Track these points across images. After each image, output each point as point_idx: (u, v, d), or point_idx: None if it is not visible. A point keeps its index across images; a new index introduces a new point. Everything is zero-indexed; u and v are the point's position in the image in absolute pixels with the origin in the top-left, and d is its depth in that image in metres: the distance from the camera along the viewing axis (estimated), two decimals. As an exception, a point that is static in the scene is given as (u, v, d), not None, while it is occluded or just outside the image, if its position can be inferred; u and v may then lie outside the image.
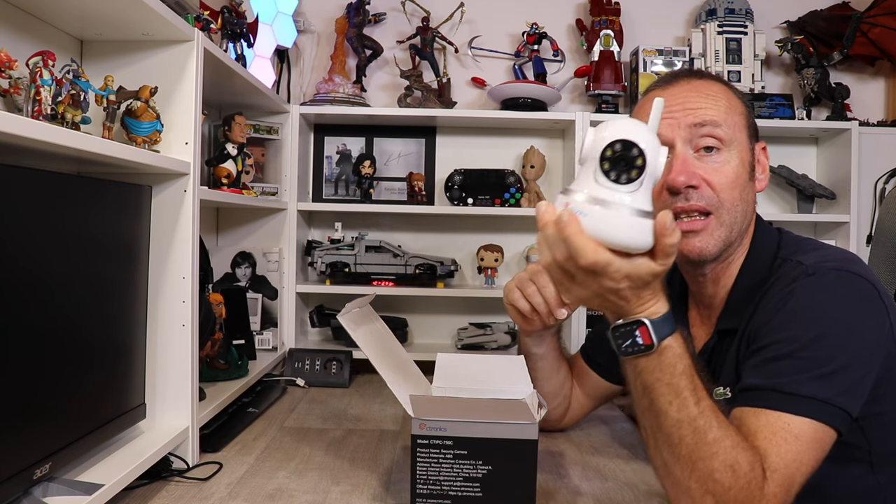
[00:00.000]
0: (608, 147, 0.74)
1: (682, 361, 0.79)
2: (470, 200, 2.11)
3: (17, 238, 0.83)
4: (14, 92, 0.88)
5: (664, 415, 0.80)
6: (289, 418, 1.52)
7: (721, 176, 0.97)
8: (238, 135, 1.60)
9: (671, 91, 1.00)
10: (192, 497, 1.07)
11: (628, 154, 0.74)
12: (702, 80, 1.01)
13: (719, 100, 0.99)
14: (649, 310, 0.79)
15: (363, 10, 2.15)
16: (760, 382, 0.85)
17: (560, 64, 2.27)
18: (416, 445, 0.95)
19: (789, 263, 0.96)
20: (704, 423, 0.78)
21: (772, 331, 0.89)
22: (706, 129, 0.97)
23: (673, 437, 0.80)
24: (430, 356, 1.20)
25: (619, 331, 0.80)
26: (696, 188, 0.96)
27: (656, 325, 0.78)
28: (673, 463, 0.80)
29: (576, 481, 1.15)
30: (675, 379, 0.79)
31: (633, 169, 0.74)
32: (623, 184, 0.74)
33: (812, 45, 2.22)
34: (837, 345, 0.85)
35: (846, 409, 0.83)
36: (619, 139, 0.74)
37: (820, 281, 0.90)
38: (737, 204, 0.98)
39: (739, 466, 0.77)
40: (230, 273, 1.99)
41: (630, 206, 0.74)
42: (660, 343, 0.78)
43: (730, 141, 0.98)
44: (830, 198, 2.15)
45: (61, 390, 0.93)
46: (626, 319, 0.79)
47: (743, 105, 1.03)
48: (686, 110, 0.98)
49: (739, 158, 0.99)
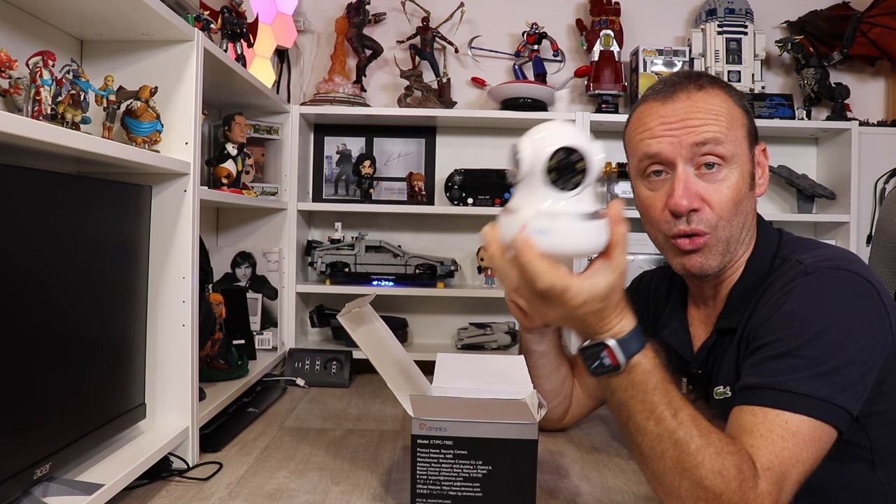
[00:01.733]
0: (552, 157, 0.73)
1: (654, 376, 0.79)
2: (470, 200, 2.11)
3: (17, 238, 0.83)
4: (14, 92, 0.88)
5: (643, 431, 0.80)
6: (289, 418, 1.52)
7: (721, 195, 0.97)
8: (238, 135, 1.60)
9: (672, 107, 0.99)
10: (192, 497, 1.06)
11: (572, 160, 0.73)
12: (702, 93, 0.99)
13: (721, 115, 0.98)
14: (614, 329, 0.79)
15: (363, 10, 2.15)
16: (759, 381, 0.85)
17: (560, 64, 2.27)
18: (417, 445, 0.95)
19: (788, 263, 0.96)
20: (684, 434, 0.78)
21: (770, 330, 0.89)
22: (708, 147, 0.96)
23: (656, 451, 0.80)
24: (430, 356, 1.20)
25: (585, 353, 0.81)
26: (697, 211, 0.97)
27: (622, 344, 0.78)
28: (661, 474, 0.81)
29: (576, 481, 1.15)
30: (649, 395, 0.79)
31: (577, 174, 0.74)
32: (570, 190, 0.74)
33: (812, 45, 2.22)
34: (836, 343, 0.85)
35: (846, 407, 0.82)
36: (561, 147, 0.73)
37: (818, 280, 0.90)
38: (734, 218, 0.98)
39: (727, 471, 0.77)
40: (230, 273, 1.99)
41: (581, 212, 0.74)
42: (627, 362, 0.79)
43: (731, 157, 0.97)
44: (830, 198, 2.15)
45: (61, 390, 0.93)
46: (592, 341, 0.80)
47: (743, 113, 1.01)
48: (688, 129, 0.97)
49: (740, 173, 0.98)
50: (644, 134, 1.01)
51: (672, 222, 0.99)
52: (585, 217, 0.74)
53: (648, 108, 1.02)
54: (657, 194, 1.01)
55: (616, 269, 0.77)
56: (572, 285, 0.74)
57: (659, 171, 1.00)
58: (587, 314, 0.77)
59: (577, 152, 0.73)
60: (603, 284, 0.76)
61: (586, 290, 0.75)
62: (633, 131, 1.05)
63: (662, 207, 0.99)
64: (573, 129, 0.76)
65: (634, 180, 1.07)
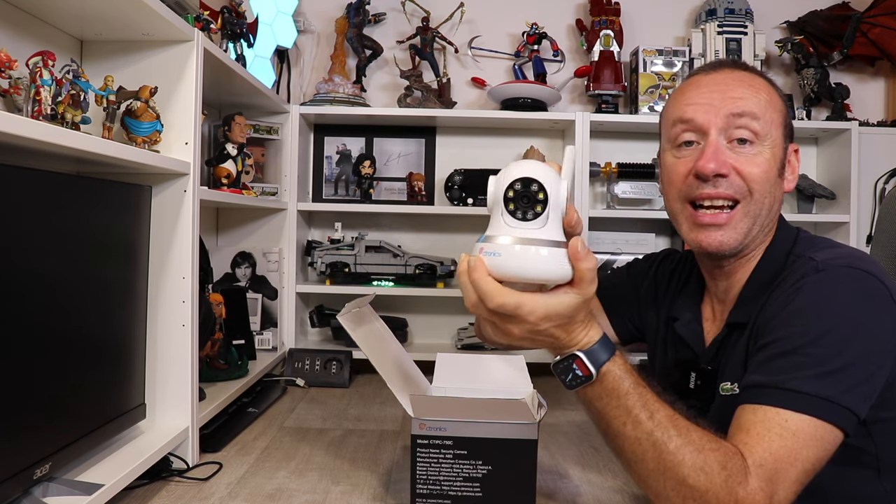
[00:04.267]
0: (509, 188, 0.78)
1: (626, 381, 0.82)
2: (470, 200, 2.10)
3: (17, 238, 0.83)
4: (14, 92, 0.88)
5: (622, 436, 0.82)
6: (289, 418, 1.52)
7: (753, 166, 0.95)
8: (238, 135, 1.60)
9: (714, 77, 0.98)
10: (192, 497, 1.07)
11: (529, 191, 0.78)
12: (746, 72, 0.99)
13: (760, 93, 0.97)
14: (581, 341, 0.83)
15: (363, 10, 2.15)
16: (763, 380, 0.84)
17: (560, 64, 2.27)
18: (416, 445, 0.95)
19: (801, 259, 0.94)
20: (662, 434, 0.79)
21: (777, 326, 0.88)
22: (744, 119, 0.95)
23: (637, 454, 0.81)
24: (429, 356, 1.20)
25: (558, 367, 0.84)
26: (724, 176, 0.94)
27: (590, 354, 0.82)
28: (647, 477, 0.81)
29: (576, 481, 1.15)
30: (622, 400, 0.82)
31: (537, 204, 0.78)
32: (530, 220, 0.78)
33: (812, 45, 2.22)
34: (843, 342, 0.82)
35: (851, 408, 0.80)
36: (517, 178, 0.78)
37: (829, 277, 0.88)
38: (765, 196, 0.96)
39: (710, 467, 0.77)
40: (230, 273, 1.99)
41: (541, 240, 0.78)
42: (598, 371, 0.82)
43: (765, 135, 0.96)
44: (830, 198, 2.15)
45: (61, 390, 0.93)
46: (563, 355, 0.83)
47: (783, 104, 1.00)
48: (726, 98, 0.96)
49: (772, 153, 0.96)
50: (681, 100, 1.00)
51: (695, 185, 0.96)
52: (546, 244, 0.78)
53: (690, 81, 1.02)
54: (683, 160, 0.99)
55: (582, 297, 0.80)
56: (525, 302, 0.78)
57: (690, 142, 0.98)
58: (552, 330, 0.81)
59: (536, 183, 0.77)
60: (565, 304, 0.79)
61: (544, 306, 0.79)
62: (670, 102, 1.03)
63: (687, 173, 0.97)
64: (538, 165, 0.80)
65: (663, 151, 1.04)
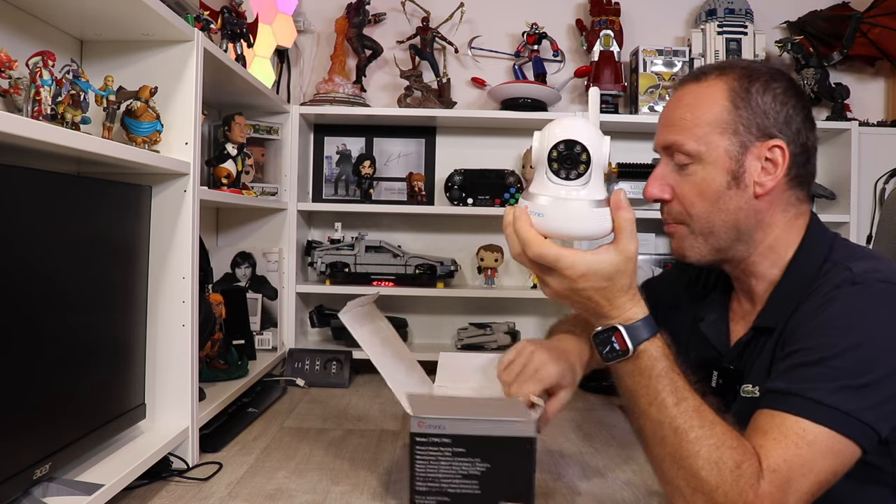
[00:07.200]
0: (553, 149, 0.81)
1: (660, 364, 0.82)
2: (470, 200, 2.11)
3: (17, 238, 0.83)
4: (14, 92, 0.89)
5: (646, 416, 0.83)
6: (289, 418, 1.53)
7: (684, 189, 0.97)
8: (238, 135, 1.60)
9: (672, 96, 1.01)
10: (192, 497, 1.07)
11: (573, 152, 0.80)
12: (685, 89, 0.98)
13: (686, 114, 0.96)
14: (624, 315, 0.83)
15: (363, 10, 2.15)
16: (785, 387, 0.82)
17: (560, 64, 2.27)
18: (415, 443, 0.95)
19: (837, 268, 0.91)
20: (684, 422, 0.79)
21: (806, 335, 0.86)
22: (670, 150, 0.98)
23: (656, 437, 0.82)
24: (429, 356, 1.21)
25: (598, 337, 0.85)
26: (667, 202, 0.98)
27: (631, 330, 0.83)
28: (661, 461, 0.82)
29: (575, 480, 1.15)
30: (653, 382, 0.82)
31: (580, 164, 0.81)
32: (573, 179, 0.81)
33: (812, 46, 2.22)
34: (872, 359, 0.81)
35: (872, 425, 0.79)
36: (561, 140, 0.80)
37: (865, 291, 0.86)
38: (711, 214, 0.95)
39: (724, 464, 0.77)
40: (230, 273, 1.99)
41: (584, 199, 0.81)
42: (636, 348, 0.83)
43: (699, 153, 0.94)
44: (830, 198, 2.15)
45: (61, 390, 0.93)
46: (604, 326, 0.85)
47: (735, 109, 0.94)
48: (664, 126, 0.99)
49: (714, 167, 0.94)
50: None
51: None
52: (589, 204, 0.81)
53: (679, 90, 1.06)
54: None
55: (622, 253, 0.81)
56: (565, 255, 0.80)
57: None
58: (591, 291, 0.82)
59: (580, 145, 0.80)
60: (606, 262, 0.80)
61: (585, 262, 0.80)
62: None
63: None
64: (582, 125, 0.82)
65: None
